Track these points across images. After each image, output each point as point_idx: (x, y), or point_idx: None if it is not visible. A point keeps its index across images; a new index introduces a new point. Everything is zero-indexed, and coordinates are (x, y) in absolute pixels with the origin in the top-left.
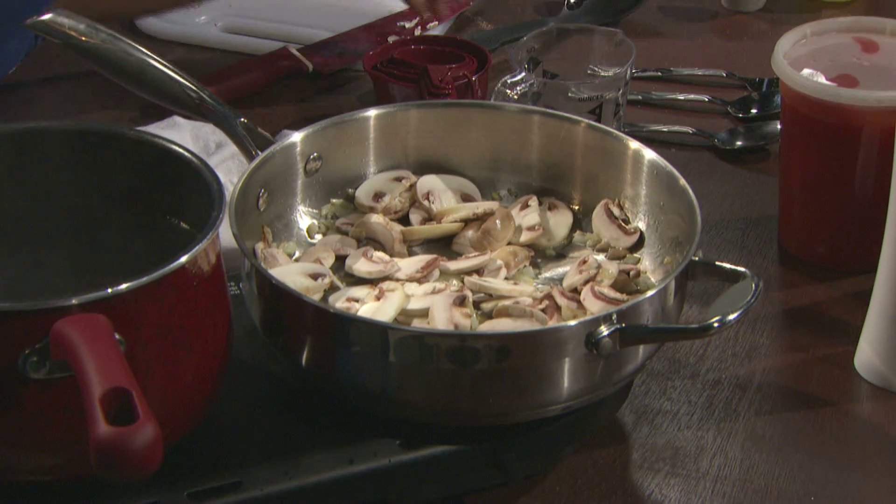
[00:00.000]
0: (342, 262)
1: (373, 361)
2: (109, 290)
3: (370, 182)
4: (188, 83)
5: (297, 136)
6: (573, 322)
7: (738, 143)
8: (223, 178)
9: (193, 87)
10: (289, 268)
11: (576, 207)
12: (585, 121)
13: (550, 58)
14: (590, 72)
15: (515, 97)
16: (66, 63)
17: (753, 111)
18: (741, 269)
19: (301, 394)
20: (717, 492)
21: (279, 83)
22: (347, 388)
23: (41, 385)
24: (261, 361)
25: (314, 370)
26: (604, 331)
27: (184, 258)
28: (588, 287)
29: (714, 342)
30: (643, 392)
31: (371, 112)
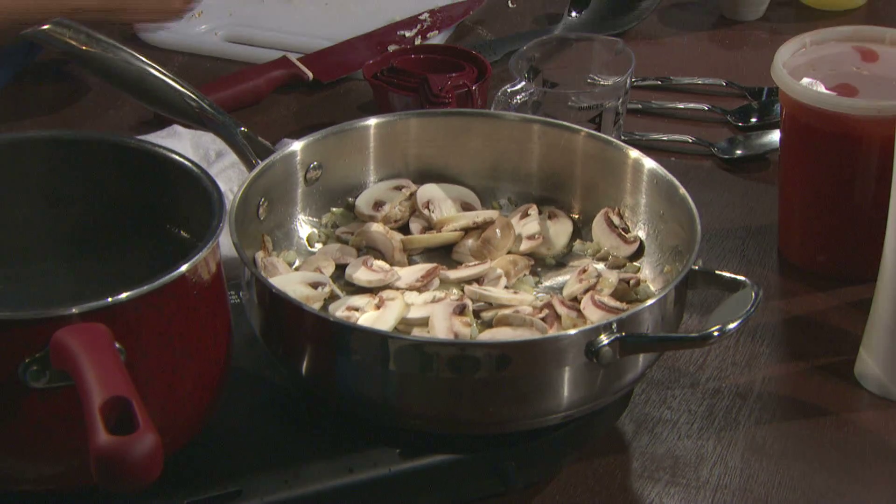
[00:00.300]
0: (342, 271)
1: (373, 370)
2: (110, 299)
3: (370, 191)
4: (188, 92)
5: (298, 145)
6: (573, 331)
7: (738, 152)
8: (223, 187)
9: (193, 96)
10: (289, 276)
11: (576, 216)
12: (585, 130)
13: (550, 67)
14: (590, 81)
15: (517, 103)
16: (64, 73)
17: (753, 120)
18: (741, 279)
19: (301, 402)
20: (718, 501)
21: (279, 92)
22: (347, 397)
23: (41, 394)
24: (261, 370)
25: (314, 379)
26: (604, 340)
27: (184, 267)
28: (588, 296)
29: (714, 351)
30: (643, 401)
31: (371, 121)
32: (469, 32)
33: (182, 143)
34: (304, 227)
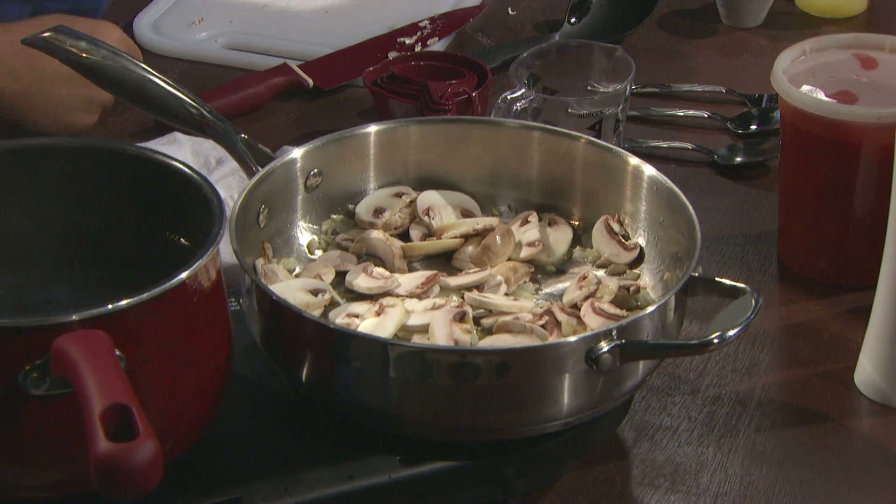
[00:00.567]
0: (342, 278)
1: (373, 377)
2: (110, 306)
3: (370, 198)
4: (188, 99)
5: (298, 152)
6: (573, 338)
7: (738, 159)
8: (223, 194)
9: (194, 104)
10: (289, 283)
11: (576, 223)
12: (585, 137)
13: (550, 74)
14: (589, 88)
15: (517, 110)
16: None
17: (753, 127)
18: (741, 286)
19: (301, 409)
20: None
21: (279, 99)
22: (347, 404)
23: (41, 401)
24: (261, 377)
25: (314, 386)
26: (604, 347)
27: (184, 274)
28: (588, 303)
29: (714, 358)
30: (643, 408)
31: (371, 128)
32: (469, 39)
33: (182, 151)
34: (305, 234)
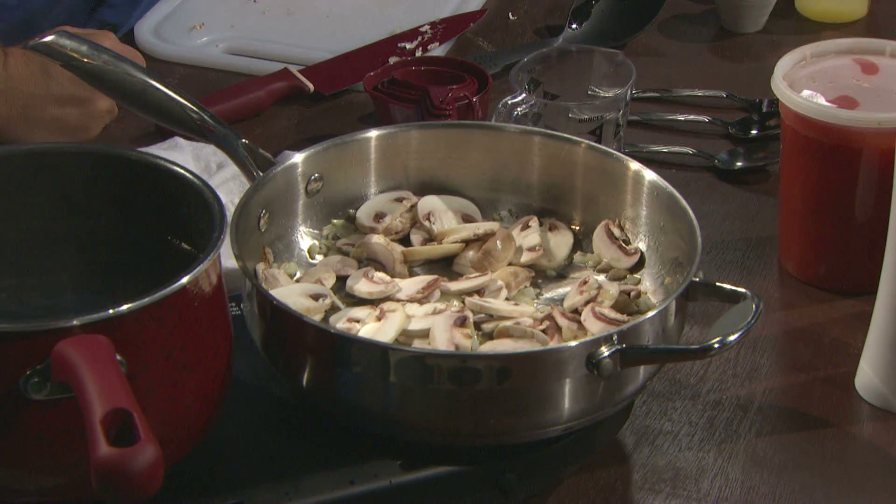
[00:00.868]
0: (343, 283)
1: (373, 382)
2: (111, 311)
3: (371, 203)
4: (189, 104)
5: (299, 157)
6: (574, 343)
7: (738, 164)
8: (224, 199)
9: (195, 108)
10: (290, 288)
11: (576, 228)
12: (586, 142)
13: (551, 79)
14: (590, 93)
15: (518, 115)
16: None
17: (753, 132)
18: (742, 290)
19: (302, 414)
20: None
21: (280, 104)
22: (348, 409)
23: (42, 406)
24: (262, 382)
25: (315, 391)
26: (604, 351)
27: (185, 279)
28: (589, 308)
29: (715, 363)
30: (644, 413)
31: (372, 133)
32: (470, 44)
33: (183, 155)
34: (305, 239)
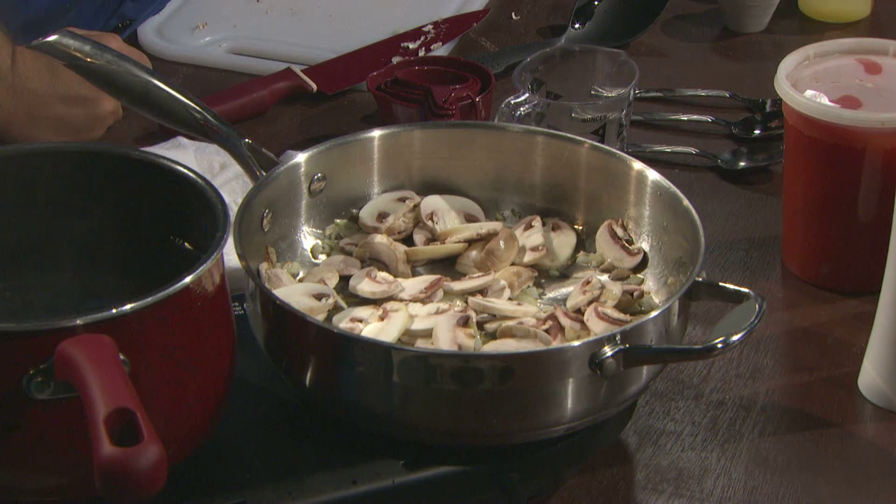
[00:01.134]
0: (346, 283)
1: (376, 382)
2: (114, 311)
3: (374, 202)
4: (192, 104)
5: (302, 157)
6: (577, 343)
7: (742, 164)
8: (227, 199)
9: (198, 108)
10: (293, 288)
11: (579, 228)
12: (589, 141)
13: (554, 78)
14: (593, 93)
15: (521, 115)
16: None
17: (756, 132)
18: (745, 290)
19: (305, 414)
20: None
21: (283, 104)
22: (351, 409)
23: (45, 405)
24: (265, 382)
25: (318, 390)
26: (607, 351)
27: (188, 279)
28: (592, 307)
29: (718, 363)
30: (647, 413)
31: (375, 133)
32: (473, 44)
33: (186, 155)
34: (308, 239)
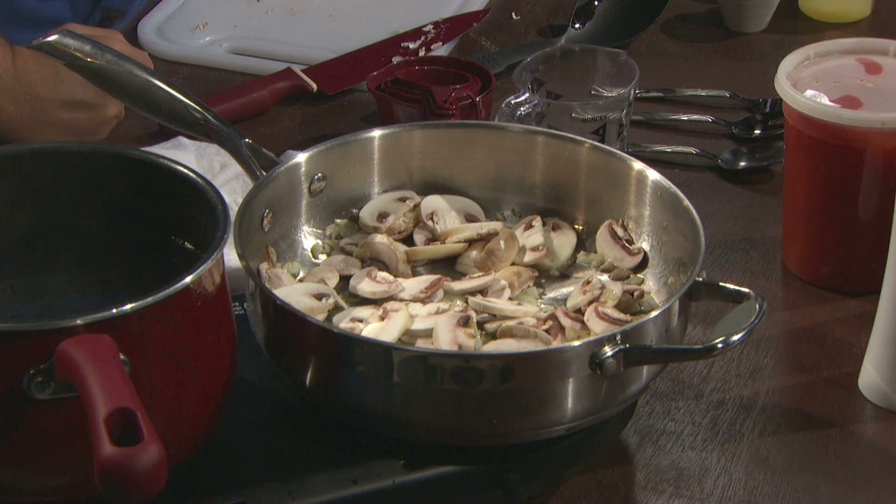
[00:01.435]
0: (346, 283)
1: (377, 382)
2: (114, 311)
3: (374, 202)
4: (193, 104)
5: (302, 157)
6: (577, 342)
7: (742, 164)
8: (228, 199)
9: (198, 108)
10: (293, 288)
11: (579, 228)
12: (589, 141)
13: (554, 78)
14: (593, 92)
15: (521, 114)
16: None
17: (757, 132)
18: (745, 290)
19: (305, 414)
20: None
21: (283, 104)
22: (351, 409)
23: (46, 405)
24: (265, 382)
25: (318, 390)
26: (608, 351)
27: (188, 279)
28: (592, 307)
29: (718, 363)
30: (647, 413)
31: (375, 132)
32: (473, 44)
33: (186, 155)
34: (309, 239)
